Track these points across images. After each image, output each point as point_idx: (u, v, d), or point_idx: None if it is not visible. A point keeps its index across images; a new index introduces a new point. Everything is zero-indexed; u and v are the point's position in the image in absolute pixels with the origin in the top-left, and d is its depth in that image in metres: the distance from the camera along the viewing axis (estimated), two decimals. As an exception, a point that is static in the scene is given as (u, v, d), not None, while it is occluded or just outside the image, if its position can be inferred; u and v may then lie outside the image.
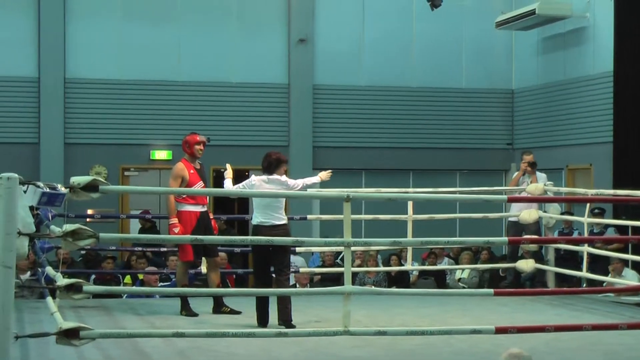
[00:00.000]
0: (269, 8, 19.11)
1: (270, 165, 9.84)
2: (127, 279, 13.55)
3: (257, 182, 9.80)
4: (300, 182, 9.89)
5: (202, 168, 10.83)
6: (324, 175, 10.09)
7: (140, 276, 13.26)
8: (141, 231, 16.26)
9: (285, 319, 9.52)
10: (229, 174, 10.25)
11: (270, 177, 9.80)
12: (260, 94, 19.02)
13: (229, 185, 10.14)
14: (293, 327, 9.40)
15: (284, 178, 9.83)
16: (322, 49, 19.28)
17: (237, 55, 18.88)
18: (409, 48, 19.66)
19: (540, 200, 12.69)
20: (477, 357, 8.25)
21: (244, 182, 9.99)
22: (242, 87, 18.92)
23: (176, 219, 10.40)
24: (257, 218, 9.75)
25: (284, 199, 10.32)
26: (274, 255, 9.72)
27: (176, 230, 10.32)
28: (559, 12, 17.67)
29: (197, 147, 10.66)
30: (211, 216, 10.94)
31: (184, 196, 10.43)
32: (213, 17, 18.83)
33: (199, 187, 10.57)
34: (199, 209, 10.54)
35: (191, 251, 10.49)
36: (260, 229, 9.66)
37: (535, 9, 17.37)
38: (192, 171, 10.57)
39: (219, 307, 10.56)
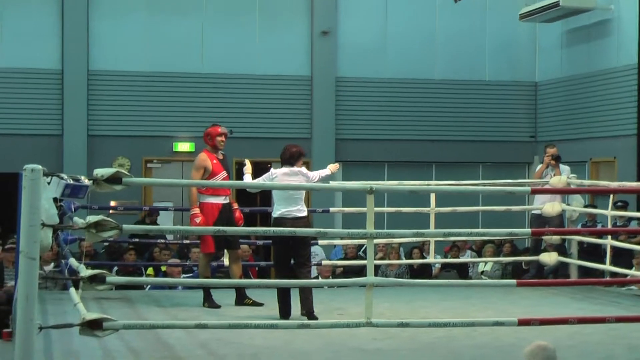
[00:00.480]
0: (293, 0, 19.09)
1: (292, 157, 9.85)
2: (150, 270, 13.58)
3: (278, 175, 9.80)
4: (316, 174, 9.94)
5: (225, 158, 10.83)
6: (333, 167, 10.18)
7: (163, 268, 13.29)
8: (139, 223, 15.95)
9: (308, 310, 9.52)
10: (248, 169, 10.23)
11: (292, 169, 9.81)
12: (283, 86, 19.02)
13: (248, 179, 10.13)
14: (315, 318, 9.43)
15: (304, 170, 9.89)
16: (345, 41, 19.26)
17: (260, 47, 18.89)
18: (432, 40, 19.61)
19: (563, 192, 12.63)
20: (500, 350, 8.22)
21: (264, 175, 9.99)
22: (265, 79, 18.92)
23: (197, 209, 10.41)
24: (278, 210, 9.74)
25: (304, 191, 10.31)
26: (296, 247, 9.69)
27: (197, 220, 10.33)
28: (583, 4, 17.58)
29: (219, 138, 10.66)
30: (235, 206, 10.90)
31: (206, 187, 10.43)
32: (236, 9, 18.83)
33: (221, 177, 10.57)
34: (220, 200, 10.54)
35: (212, 243, 10.50)
36: (282, 221, 9.64)
37: (559, 1, 17.28)
38: (214, 161, 10.56)
39: (241, 299, 10.57)
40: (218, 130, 10.68)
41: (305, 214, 9.85)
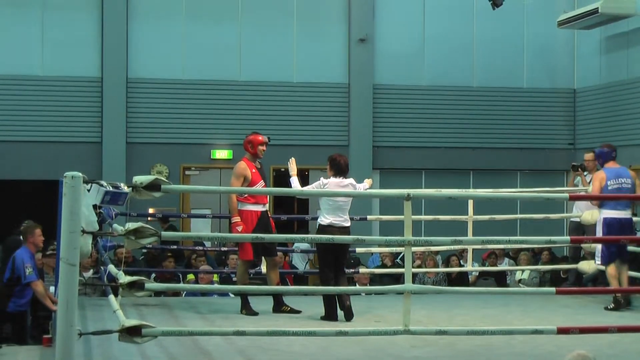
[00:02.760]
0: (330, 7, 19.13)
1: (345, 169, 10.14)
2: (191, 276, 13.62)
3: (331, 185, 10.01)
4: (361, 187, 10.33)
5: (262, 167, 10.87)
6: (369, 182, 10.70)
7: (190, 276, 13.34)
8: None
9: (347, 308, 9.89)
10: (293, 169, 10.31)
11: (344, 180, 10.09)
12: (320, 93, 19.04)
13: (296, 183, 10.21)
14: (352, 314, 9.80)
15: (354, 182, 10.20)
16: (382, 48, 19.25)
17: (298, 54, 18.93)
18: (470, 47, 19.56)
19: (601, 198, 12.49)
20: (539, 358, 8.17)
21: (315, 184, 10.19)
22: (302, 87, 18.95)
23: (238, 217, 10.44)
24: (326, 219, 10.00)
25: (351, 203, 10.41)
26: (343, 254, 10.15)
27: (239, 228, 10.36)
28: (623, 11, 17.45)
29: (261, 147, 10.69)
30: (269, 215, 10.96)
31: (246, 195, 10.46)
32: (274, 17, 18.88)
33: (260, 186, 10.60)
34: (259, 208, 10.56)
35: (251, 250, 10.53)
36: (330, 230, 9.91)
37: (598, 7, 17.19)
38: (254, 170, 10.59)
39: (279, 306, 10.58)
40: (260, 139, 10.70)
41: (349, 224, 10.17)
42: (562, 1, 19.30)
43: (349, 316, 9.91)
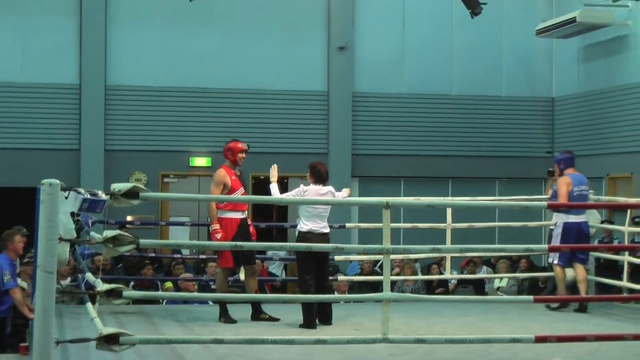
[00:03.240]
0: (310, 16, 19.15)
1: (326, 177, 10.22)
2: (169, 284, 13.58)
3: (310, 192, 10.07)
4: (340, 196, 10.42)
5: (242, 175, 10.85)
6: (347, 192, 10.76)
7: (167, 284, 13.30)
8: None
9: (326, 319, 10.04)
10: (274, 176, 10.33)
11: (324, 188, 10.15)
12: (300, 101, 19.05)
13: (275, 190, 10.26)
14: (330, 324, 9.97)
15: (333, 190, 10.26)
16: (362, 56, 19.29)
17: (278, 62, 18.93)
18: (449, 56, 19.62)
19: (579, 207, 12.55)
20: (517, 366, 8.19)
21: (294, 191, 10.24)
22: (282, 95, 18.95)
23: (218, 224, 10.42)
24: (306, 225, 10.07)
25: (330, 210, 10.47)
26: (323, 262, 10.19)
27: (218, 236, 10.34)
28: (600, 20, 17.56)
29: (240, 155, 10.69)
30: (249, 222, 10.96)
31: (225, 203, 10.44)
32: (254, 25, 18.88)
33: (240, 193, 10.59)
34: (239, 215, 10.55)
35: (231, 258, 10.51)
36: (310, 236, 9.99)
37: (576, 16, 17.28)
38: (233, 177, 10.58)
39: (257, 313, 10.57)
40: (240, 146, 10.70)
41: (329, 230, 10.27)
42: (541, 10, 19.40)
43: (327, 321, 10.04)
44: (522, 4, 19.75)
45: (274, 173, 10.40)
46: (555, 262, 11.92)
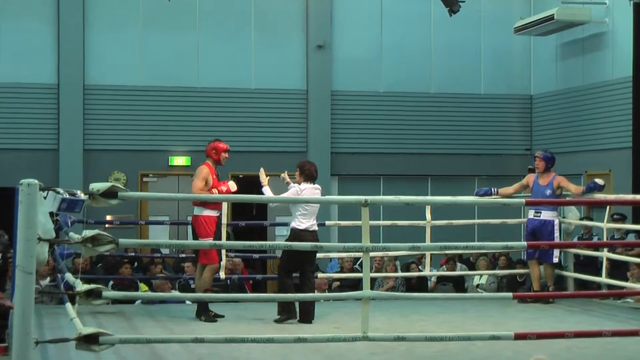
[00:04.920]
0: (287, 14, 19.14)
1: (316, 175, 10.45)
2: (143, 287, 13.55)
3: (307, 191, 10.27)
4: None
5: (218, 175, 10.88)
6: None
7: (144, 288, 13.29)
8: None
9: (308, 318, 10.16)
10: (264, 179, 10.47)
11: (315, 185, 10.40)
12: (278, 99, 19.04)
13: (269, 193, 10.41)
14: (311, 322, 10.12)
15: (320, 188, 10.52)
16: (340, 55, 19.30)
17: (256, 61, 18.91)
18: (427, 54, 19.66)
19: (559, 204, 12.64)
20: (497, 363, 8.22)
21: (291, 191, 10.37)
22: (260, 93, 18.94)
23: (222, 187, 10.46)
24: (302, 223, 10.24)
25: None
26: (310, 259, 10.41)
27: (224, 188, 10.40)
28: (578, 18, 17.62)
29: (224, 154, 10.73)
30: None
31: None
32: (231, 24, 18.86)
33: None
34: (216, 213, 10.58)
35: (215, 254, 10.56)
36: (305, 234, 10.15)
37: (554, 14, 17.34)
38: (214, 176, 10.61)
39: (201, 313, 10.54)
40: (223, 146, 10.74)
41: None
42: (518, 8, 19.44)
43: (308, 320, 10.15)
44: (500, 2, 19.80)
45: (263, 177, 10.51)
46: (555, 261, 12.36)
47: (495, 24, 19.77)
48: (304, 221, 10.23)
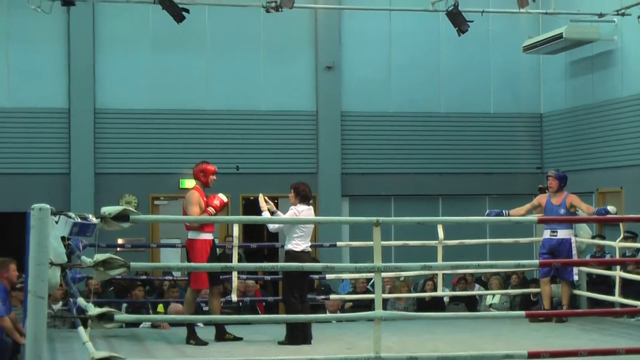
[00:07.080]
0: (296, 36, 19.18)
1: (310, 196, 10.44)
2: (160, 308, 13.54)
3: (304, 213, 10.28)
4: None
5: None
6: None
7: (160, 308, 13.28)
8: None
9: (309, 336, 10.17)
10: (263, 206, 10.30)
11: (309, 207, 10.42)
12: (288, 121, 19.06)
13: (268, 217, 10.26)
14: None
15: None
16: (350, 75, 19.32)
17: (265, 83, 18.95)
18: (437, 74, 19.67)
19: (571, 221, 12.64)
20: (510, 382, 8.16)
21: (289, 213, 10.32)
22: (270, 115, 18.96)
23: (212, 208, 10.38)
24: (299, 245, 10.21)
25: None
26: (309, 280, 10.66)
27: (217, 202, 10.35)
28: (587, 36, 17.62)
29: (212, 177, 10.68)
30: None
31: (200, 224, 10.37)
32: (241, 46, 18.90)
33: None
34: (211, 237, 10.56)
35: (207, 279, 10.46)
36: (304, 256, 10.20)
37: (562, 32, 17.34)
38: (204, 199, 10.54)
39: (222, 334, 10.52)
40: (212, 168, 10.69)
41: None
42: (527, 27, 19.45)
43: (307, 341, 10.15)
44: (508, 20, 19.78)
45: (262, 204, 10.35)
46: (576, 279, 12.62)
47: (504, 43, 19.77)
48: (301, 243, 10.21)
